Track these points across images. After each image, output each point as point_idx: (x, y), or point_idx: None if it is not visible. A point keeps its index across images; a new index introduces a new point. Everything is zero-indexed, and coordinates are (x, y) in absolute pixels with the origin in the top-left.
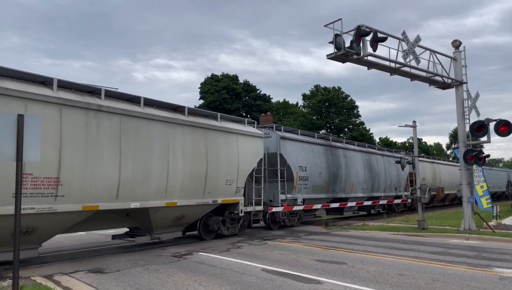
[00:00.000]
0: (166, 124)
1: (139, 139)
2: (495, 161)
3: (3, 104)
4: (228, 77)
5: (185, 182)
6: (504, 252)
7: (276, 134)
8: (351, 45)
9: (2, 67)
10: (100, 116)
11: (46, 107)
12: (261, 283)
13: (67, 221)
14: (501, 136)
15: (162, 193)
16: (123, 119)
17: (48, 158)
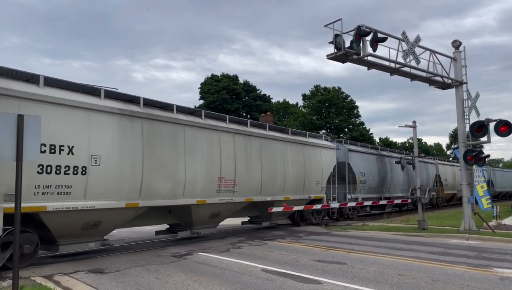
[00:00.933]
0: (282, 142)
1: (269, 153)
2: (495, 161)
3: (174, 130)
4: (228, 77)
5: (294, 183)
6: (504, 252)
7: (345, 147)
8: (351, 45)
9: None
10: (251, 139)
11: (225, 135)
12: (261, 283)
13: (236, 208)
14: (501, 136)
15: (281, 190)
16: (261, 140)
17: (230, 167)
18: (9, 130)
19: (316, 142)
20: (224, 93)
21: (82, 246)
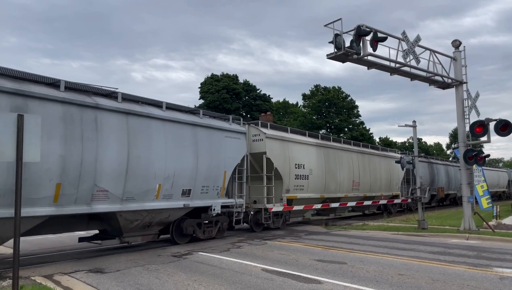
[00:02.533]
0: (363, 154)
1: (372, 164)
2: (495, 161)
3: (339, 153)
4: (228, 77)
5: (384, 183)
6: (504, 252)
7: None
8: (351, 45)
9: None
10: (340, 152)
11: (352, 154)
12: (261, 283)
13: (358, 198)
14: (501, 136)
15: (379, 189)
16: (359, 154)
17: (356, 174)
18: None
19: (387, 154)
20: (224, 92)
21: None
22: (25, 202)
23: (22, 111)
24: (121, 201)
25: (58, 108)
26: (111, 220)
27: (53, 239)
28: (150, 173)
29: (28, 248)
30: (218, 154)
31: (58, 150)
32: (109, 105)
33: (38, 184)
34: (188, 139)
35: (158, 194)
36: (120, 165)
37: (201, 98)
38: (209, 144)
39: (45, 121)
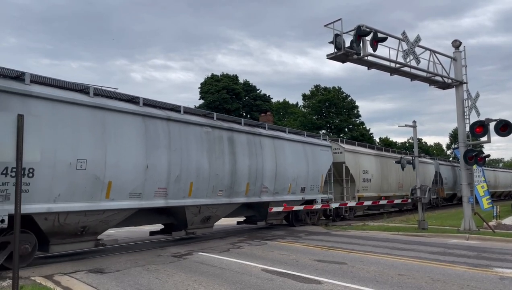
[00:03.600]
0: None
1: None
2: (495, 161)
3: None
4: (228, 77)
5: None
6: (504, 252)
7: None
8: (351, 45)
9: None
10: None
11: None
12: (261, 283)
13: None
14: (501, 136)
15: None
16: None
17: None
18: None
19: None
20: (224, 93)
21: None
22: (235, 194)
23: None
24: (273, 194)
25: (243, 137)
26: (261, 208)
27: None
28: (286, 176)
29: None
30: (317, 163)
31: (247, 162)
32: (265, 133)
33: (239, 183)
34: (301, 152)
35: (289, 190)
36: (272, 171)
37: (201, 98)
38: (312, 155)
39: (241, 145)
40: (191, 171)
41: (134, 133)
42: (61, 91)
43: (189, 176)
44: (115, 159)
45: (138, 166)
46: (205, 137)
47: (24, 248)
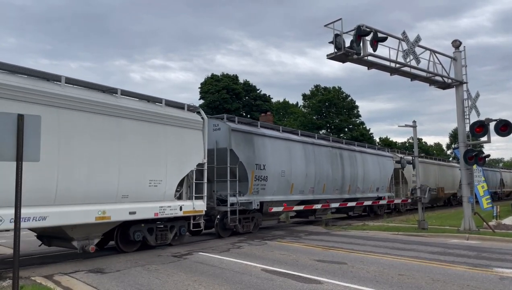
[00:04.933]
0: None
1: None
2: (495, 161)
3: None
4: (228, 77)
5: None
6: (504, 252)
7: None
8: (351, 45)
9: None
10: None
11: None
12: (261, 283)
13: None
14: (501, 136)
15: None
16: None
17: None
18: (9, 130)
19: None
20: (224, 93)
21: None
22: (343, 192)
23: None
24: (362, 192)
25: (346, 153)
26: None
27: None
28: (369, 179)
29: (28, 248)
30: (385, 168)
31: (349, 170)
32: (357, 149)
33: (345, 184)
34: (376, 162)
35: (370, 189)
36: (361, 176)
37: (201, 98)
38: (382, 163)
39: (345, 158)
40: (324, 176)
41: (300, 154)
42: (273, 131)
43: (322, 179)
44: (295, 170)
45: (302, 174)
46: (328, 154)
47: (257, 221)
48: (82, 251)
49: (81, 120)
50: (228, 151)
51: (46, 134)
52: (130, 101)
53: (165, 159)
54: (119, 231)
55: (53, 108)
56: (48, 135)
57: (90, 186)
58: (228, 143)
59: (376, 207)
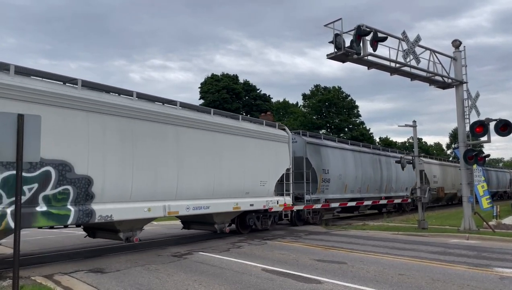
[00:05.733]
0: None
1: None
2: (495, 161)
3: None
4: (228, 77)
5: None
6: (504, 252)
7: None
8: (351, 45)
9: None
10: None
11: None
12: (261, 283)
13: None
14: (501, 135)
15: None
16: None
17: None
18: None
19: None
20: (224, 92)
21: None
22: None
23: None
24: (395, 192)
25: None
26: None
27: (53, 239)
28: (400, 180)
29: (28, 248)
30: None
31: (385, 173)
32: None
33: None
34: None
35: (401, 189)
36: (395, 177)
37: (201, 98)
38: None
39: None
40: (367, 178)
41: (351, 160)
42: (332, 142)
43: (367, 181)
44: (348, 173)
45: (353, 176)
46: (370, 159)
47: (321, 214)
48: (220, 232)
49: (225, 141)
50: (304, 159)
51: (206, 151)
52: (249, 124)
53: (268, 165)
54: (238, 218)
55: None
56: (207, 152)
57: (230, 186)
58: (304, 153)
59: (404, 205)
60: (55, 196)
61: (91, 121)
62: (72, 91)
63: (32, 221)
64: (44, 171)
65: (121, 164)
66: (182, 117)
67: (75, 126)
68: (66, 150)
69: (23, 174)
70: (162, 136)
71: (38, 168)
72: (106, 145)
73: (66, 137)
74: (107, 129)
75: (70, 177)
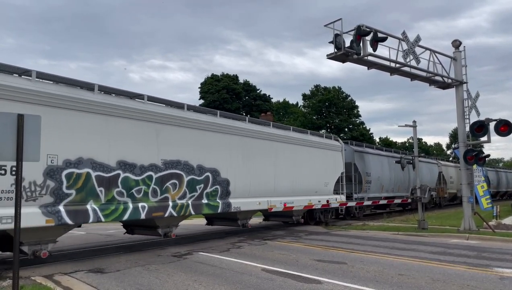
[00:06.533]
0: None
1: None
2: (495, 161)
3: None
4: (228, 77)
5: None
6: (504, 252)
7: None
8: (351, 45)
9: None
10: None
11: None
12: (261, 283)
13: None
14: (501, 136)
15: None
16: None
17: None
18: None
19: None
20: (224, 93)
21: None
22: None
23: None
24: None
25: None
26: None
27: None
28: (423, 182)
29: None
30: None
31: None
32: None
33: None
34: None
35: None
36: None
37: (201, 98)
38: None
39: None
40: (398, 180)
41: (385, 164)
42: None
43: (397, 182)
44: (384, 175)
45: (387, 178)
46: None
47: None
48: (296, 223)
49: (300, 151)
50: (352, 164)
51: (289, 159)
52: (314, 137)
53: (328, 169)
54: (307, 213)
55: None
56: (289, 160)
57: (305, 186)
58: (352, 159)
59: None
60: (211, 192)
61: (225, 139)
62: (214, 119)
63: (200, 210)
64: (206, 176)
65: (243, 170)
66: (279, 135)
67: (219, 144)
68: (216, 162)
69: (195, 177)
70: (266, 150)
71: (203, 173)
72: (234, 158)
73: (217, 153)
74: (234, 145)
75: (219, 179)
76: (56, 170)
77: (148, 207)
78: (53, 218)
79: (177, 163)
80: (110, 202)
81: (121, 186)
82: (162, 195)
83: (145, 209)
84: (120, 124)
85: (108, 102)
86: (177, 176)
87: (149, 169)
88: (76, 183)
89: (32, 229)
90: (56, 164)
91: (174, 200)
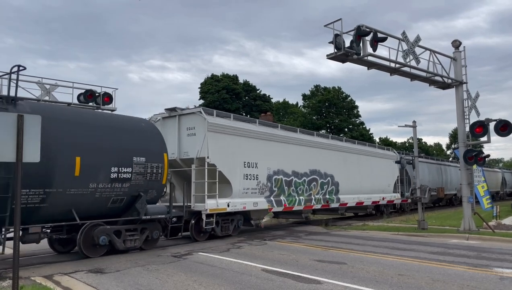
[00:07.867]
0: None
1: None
2: (495, 161)
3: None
4: (228, 77)
5: None
6: (504, 252)
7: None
8: (351, 45)
9: None
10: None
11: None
12: (261, 283)
13: None
14: (501, 136)
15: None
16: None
17: None
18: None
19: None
20: (224, 93)
21: None
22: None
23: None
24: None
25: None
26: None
27: None
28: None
29: (28, 248)
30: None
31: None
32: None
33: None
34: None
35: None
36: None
37: (201, 98)
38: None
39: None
40: (436, 181)
41: (426, 168)
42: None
43: (435, 183)
44: (427, 179)
45: (427, 180)
46: (436, 168)
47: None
48: (369, 213)
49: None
50: (404, 170)
51: (366, 167)
52: (377, 149)
53: (389, 174)
54: (375, 206)
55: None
56: (366, 167)
57: (375, 186)
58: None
59: (453, 200)
60: (330, 191)
61: (335, 154)
62: (328, 141)
63: (326, 202)
64: (328, 179)
65: (345, 175)
66: (360, 149)
67: (331, 158)
68: (331, 169)
69: (323, 180)
70: (355, 161)
71: (326, 178)
72: (340, 167)
73: (331, 163)
74: (339, 158)
75: (334, 181)
76: (270, 176)
77: (304, 200)
78: (270, 205)
79: (315, 171)
80: (290, 196)
81: (293, 186)
82: (308, 192)
83: (302, 201)
84: (291, 148)
85: (287, 136)
86: (315, 180)
87: (304, 175)
88: (277, 184)
89: (258, 211)
90: (271, 173)
91: (315, 195)
